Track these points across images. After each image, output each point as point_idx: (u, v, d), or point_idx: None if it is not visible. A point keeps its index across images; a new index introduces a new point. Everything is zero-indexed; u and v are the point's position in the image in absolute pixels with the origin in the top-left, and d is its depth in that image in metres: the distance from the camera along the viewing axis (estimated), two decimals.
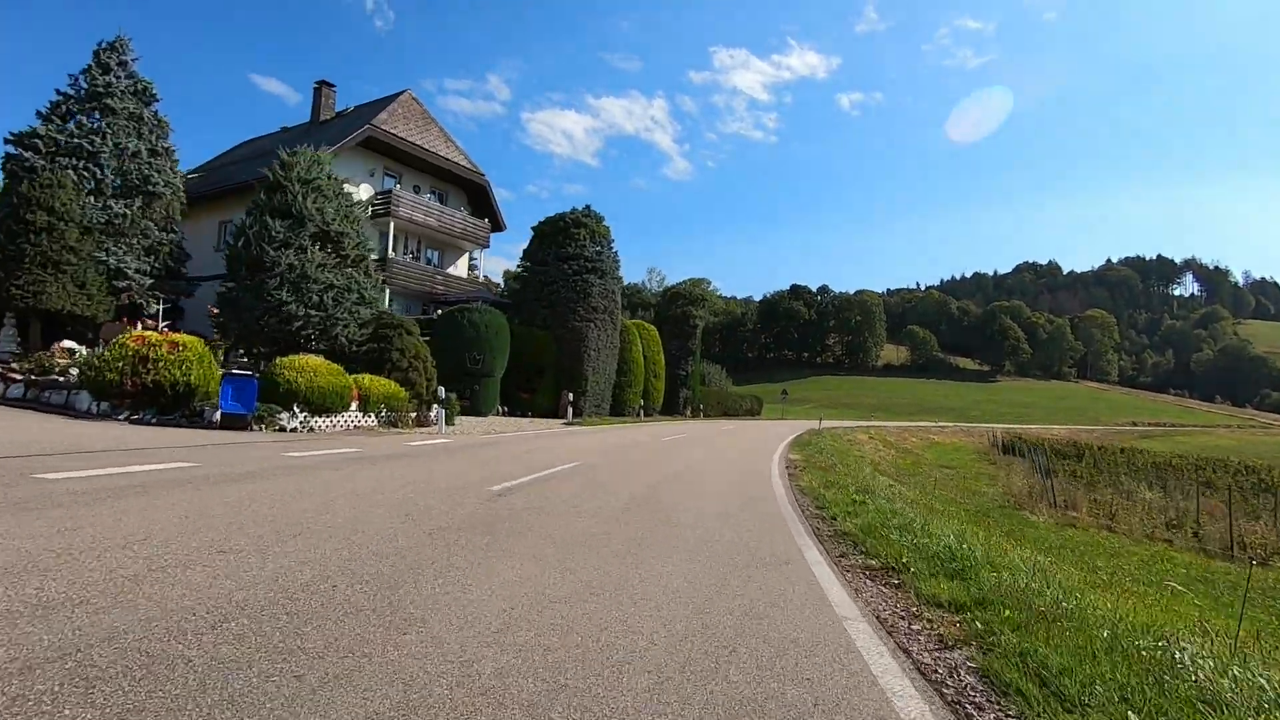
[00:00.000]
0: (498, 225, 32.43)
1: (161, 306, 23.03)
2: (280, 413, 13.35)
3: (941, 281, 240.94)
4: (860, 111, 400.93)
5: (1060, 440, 53.02)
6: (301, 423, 13.79)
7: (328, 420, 14.45)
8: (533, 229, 29.13)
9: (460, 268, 32.03)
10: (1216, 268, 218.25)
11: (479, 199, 31.94)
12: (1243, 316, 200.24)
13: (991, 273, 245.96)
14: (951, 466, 34.57)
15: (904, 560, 4.77)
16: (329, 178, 17.48)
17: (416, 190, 29.23)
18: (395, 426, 16.03)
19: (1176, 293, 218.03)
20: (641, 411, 33.14)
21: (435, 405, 15.75)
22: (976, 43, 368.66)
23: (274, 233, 15.96)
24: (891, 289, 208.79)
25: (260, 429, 12.86)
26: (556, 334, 27.22)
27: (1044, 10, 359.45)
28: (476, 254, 33.01)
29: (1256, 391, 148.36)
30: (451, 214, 29.88)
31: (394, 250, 27.99)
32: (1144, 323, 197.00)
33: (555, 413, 26.94)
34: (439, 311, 25.52)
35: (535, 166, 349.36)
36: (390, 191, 27.07)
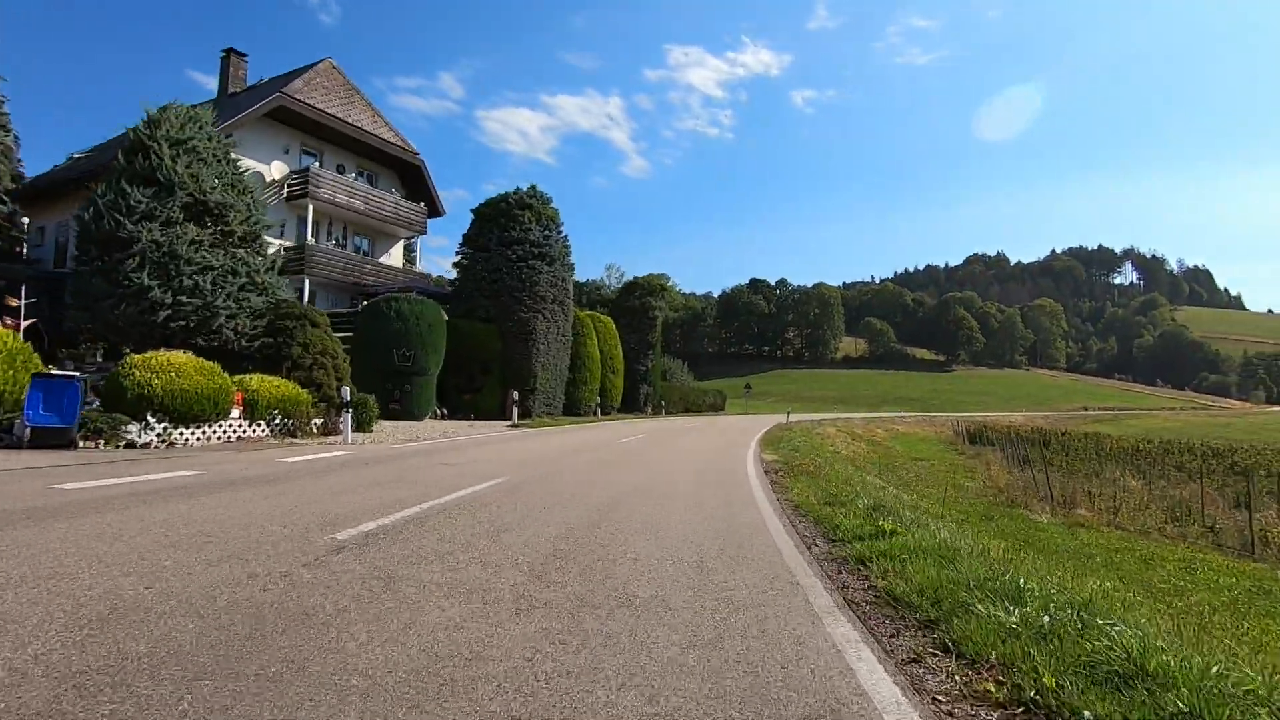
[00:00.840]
0: (435, 210, 29.45)
1: (23, 301, 19.56)
2: (126, 424, 10.43)
3: (895, 274, 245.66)
4: (814, 109, 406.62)
5: (1021, 427, 52.73)
6: (160, 435, 10.89)
7: (198, 431, 11.56)
8: (473, 211, 26.33)
9: (394, 257, 28.95)
10: (1153, 256, 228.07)
11: (413, 181, 28.91)
12: (1178, 303, 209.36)
13: (943, 265, 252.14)
14: (924, 459, 33.24)
15: (1044, 678, 2.47)
16: (211, 139, 14.46)
17: (340, 170, 26.08)
18: (294, 436, 13.20)
19: (1117, 281, 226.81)
20: (598, 410, 30.66)
21: (343, 409, 12.97)
22: (925, 41, 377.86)
23: (133, 202, 12.91)
24: (848, 282, 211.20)
25: (96, 445, 9.94)
26: (501, 327, 24.51)
27: (987, 9, 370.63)
28: (416, 243, 29.99)
29: (1194, 374, 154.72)
30: (381, 196, 26.81)
31: (314, 236, 24.82)
32: (1088, 311, 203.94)
33: (503, 414, 24.24)
34: (365, 304, 22.54)
35: (492, 165, 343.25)
36: (308, 170, 23.89)
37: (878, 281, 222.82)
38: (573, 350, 28.78)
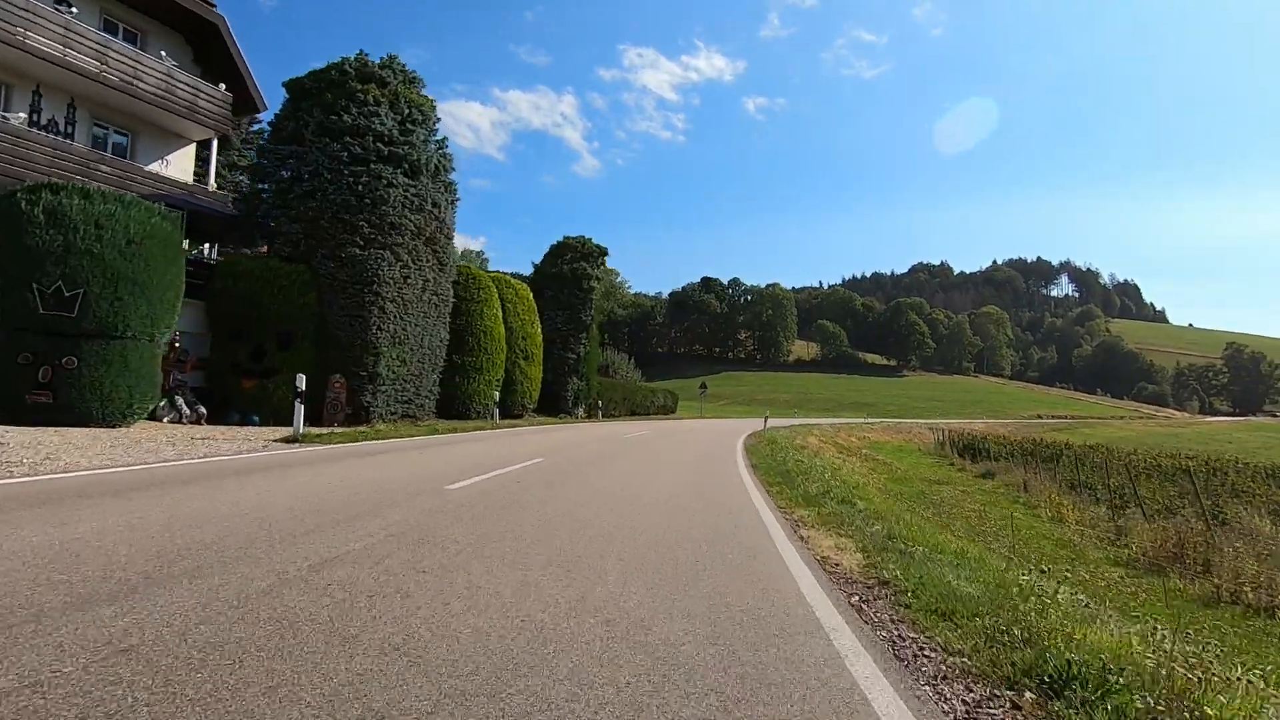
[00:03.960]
0: (248, 101, 19.19)
1: None
2: None
3: (844, 280, 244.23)
4: (765, 116, 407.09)
5: (992, 436, 45.64)
6: None
7: None
8: (286, 86, 16.30)
9: (179, 167, 18.60)
10: (1088, 269, 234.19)
11: (211, 52, 18.65)
12: (1110, 315, 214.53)
13: (889, 272, 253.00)
14: (938, 480, 25.24)
15: None
16: None
17: (63, 7, 15.65)
18: None
19: (1054, 293, 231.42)
20: (496, 412, 20.98)
21: None
22: (871, 54, 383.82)
23: None
24: (797, 287, 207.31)
25: None
26: (319, 269, 14.69)
27: (931, 27, 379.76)
28: (212, 149, 19.64)
29: (1131, 384, 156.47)
30: (137, 60, 16.47)
31: None
32: (1028, 321, 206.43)
33: (322, 413, 14.48)
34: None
35: None
36: None
37: (826, 287, 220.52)
38: (460, 321, 19.19)
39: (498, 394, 20.70)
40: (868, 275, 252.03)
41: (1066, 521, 17.24)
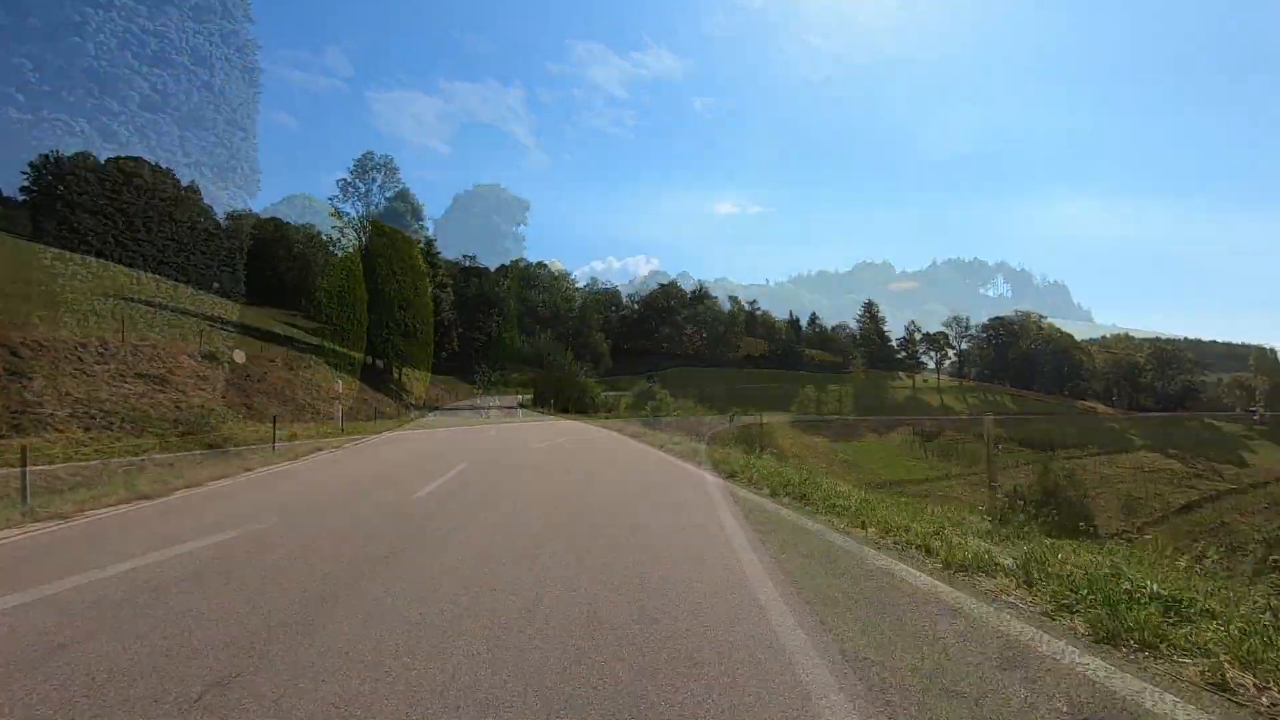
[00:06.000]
0: None
1: None
2: None
3: (790, 278, 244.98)
4: (714, 114, 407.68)
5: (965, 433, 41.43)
6: None
7: None
8: None
9: None
10: (1022, 270, 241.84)
11: None
12: (1042, 315, 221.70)
13: (834, 270, 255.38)
14: (954, 496, 19.90)
15: None
16: None
17: None
18: None
19: (991, 294, 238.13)
20: (339, 415, 13.80)
21: None
22: (815, 59, 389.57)
23: None
24: (746, 284, 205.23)
25: None
26: None
27: (877, 32, 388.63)
28: None
29: (1064, 382, 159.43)
30: None
31: None
32: (965, 319, 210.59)
33: None
34: None
35: (383, 149, 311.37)
36: None
37: (773, 284, 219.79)
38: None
39: (340, 384, 13.73)
40: (813, 273, 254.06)
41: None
